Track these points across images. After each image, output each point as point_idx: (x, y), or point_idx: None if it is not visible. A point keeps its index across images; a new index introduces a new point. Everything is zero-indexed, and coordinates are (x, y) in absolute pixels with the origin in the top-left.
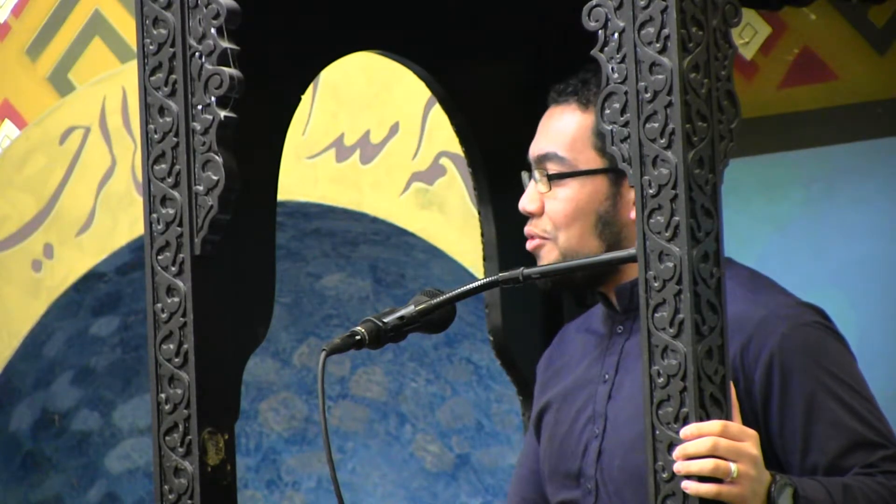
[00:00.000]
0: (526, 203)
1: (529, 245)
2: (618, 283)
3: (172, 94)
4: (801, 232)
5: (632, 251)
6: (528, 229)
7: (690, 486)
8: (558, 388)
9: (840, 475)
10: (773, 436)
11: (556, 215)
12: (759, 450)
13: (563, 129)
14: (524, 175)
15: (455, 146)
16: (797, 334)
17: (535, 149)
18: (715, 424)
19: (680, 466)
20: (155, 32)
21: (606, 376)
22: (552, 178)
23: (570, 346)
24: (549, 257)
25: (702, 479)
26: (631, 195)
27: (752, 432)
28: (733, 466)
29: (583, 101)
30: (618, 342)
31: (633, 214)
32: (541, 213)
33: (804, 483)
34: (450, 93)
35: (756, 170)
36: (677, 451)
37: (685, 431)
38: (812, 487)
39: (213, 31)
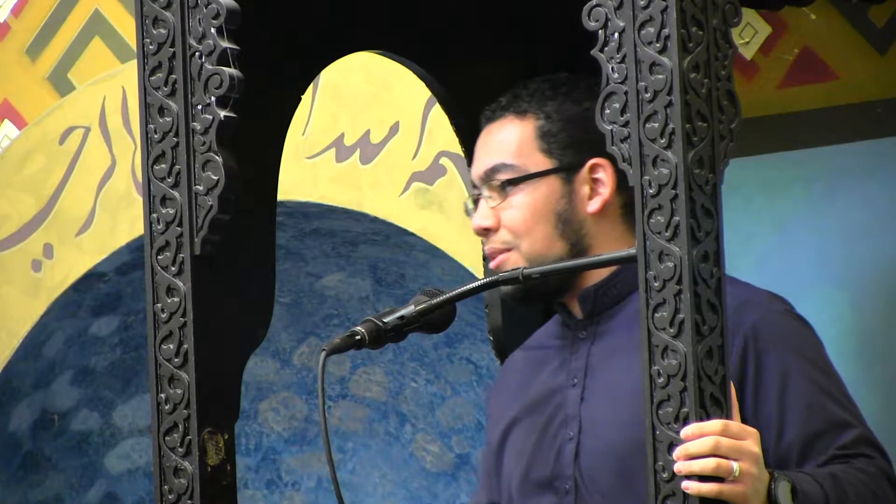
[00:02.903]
0: (480, 220)
1: (493, 264)
2: (580, 289)
3: (172, 94)
4: (801, 232)
5: (632, 251)
6: (487, 248)
7: (692, 486)
8: (520, 406)
9: (815, 455)
10: (748, 420)
11: (515, 222)
12: (759, 448)
13: (504, 140)
14: (467, 204)
15: (455, 146)
16: (768, 321)
17: (479, 167)
18: (716, 424)
19: (681, 466)
20: (155, 32)
21: (575, 381)
22: (507, 185)
23: (520, 367)
24: (518, 266)
25: (702, 478)
26: (584, 190)
27: (752, 430)
28: (735, 465)
29: (518, 111)
30: (583, 348)
31: (590, 208)
32: (497, 228)
33: (798, 477)
34: (450, 93)
35: (756, 170)
36: (679, 451)
37: (686, 431)
38: (805, 481)
39: (213, 31)
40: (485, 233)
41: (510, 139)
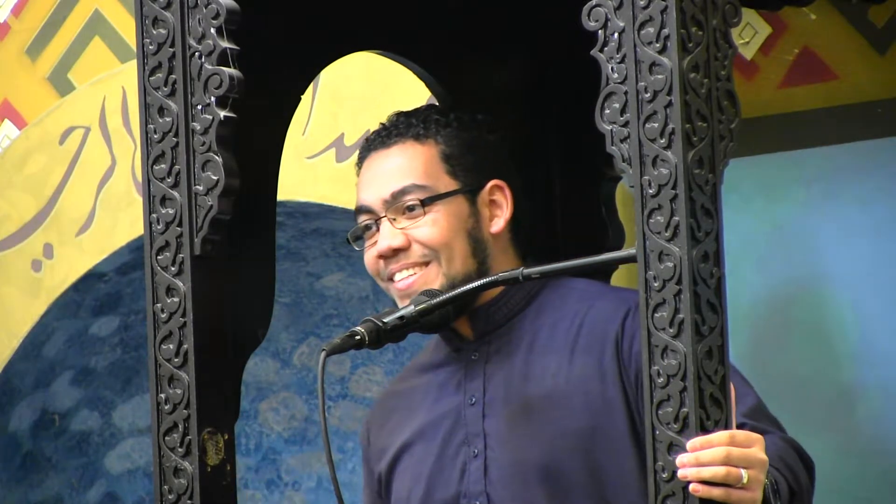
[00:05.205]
0: (390, 241)
1: (402, 285)
2: (471, 310)
3: (172, 94)
4: (801, 232)
5: (631, 251)
6: (394, 267)
7: (701, 488)
8: (410, 433)
9: None
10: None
11: (432, 236)
12: (765, 454)
13: (409, 163)
14: (356, 233)
15: None
16: None
17: (384, 190)
18: (722, 435)
19: (688, 472)
20: (155, 32)
21: (473, 399)
22: (423, 204)
23: (400, 399)
24: (434, 283)
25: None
26: (485, 212)
27: (757, 437)
28: (744, 473)
29: (416, 136)
30: (477, 367)
31: (493, 228)
32: (408, 247)
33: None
34: (450, 93)
35: (756, 170)
36: (687, 459)
37: (693, 443)
38: (772, 472)
39: (212, 31)
40: (394, 254)
41: (416, 162)
